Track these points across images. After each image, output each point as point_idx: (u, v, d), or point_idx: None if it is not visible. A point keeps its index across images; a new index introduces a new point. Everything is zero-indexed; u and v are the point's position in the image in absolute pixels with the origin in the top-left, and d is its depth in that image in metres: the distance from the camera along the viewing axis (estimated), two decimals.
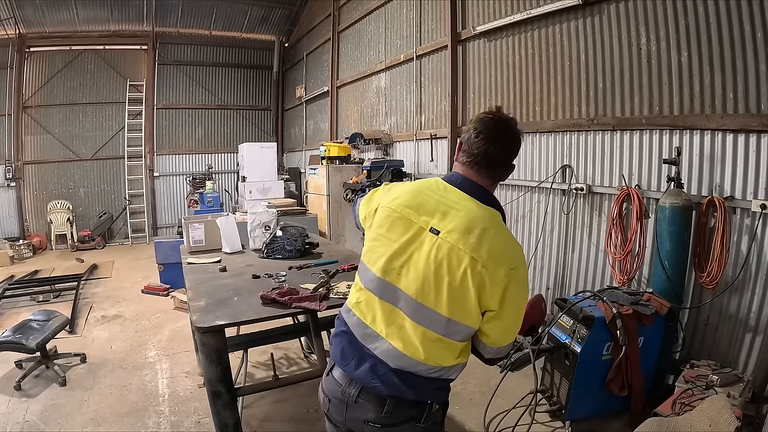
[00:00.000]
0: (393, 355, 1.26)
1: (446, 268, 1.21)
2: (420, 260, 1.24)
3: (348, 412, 1.32)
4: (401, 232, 1.28)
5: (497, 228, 1.25)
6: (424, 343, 1.25)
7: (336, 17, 7.92)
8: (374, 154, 6.63)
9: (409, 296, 1.25)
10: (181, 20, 9.77)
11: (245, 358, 3.12)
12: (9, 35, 8.62)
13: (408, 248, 1.27)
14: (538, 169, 4.05)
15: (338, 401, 1.34)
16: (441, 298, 1.22)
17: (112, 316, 4.95)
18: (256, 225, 3.40)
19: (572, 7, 3.56)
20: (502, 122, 1.32)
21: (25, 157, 9.15)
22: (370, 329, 1.31)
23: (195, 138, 10.51)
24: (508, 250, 1.23)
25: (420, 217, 1.27)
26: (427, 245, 1.24)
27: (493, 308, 1.22)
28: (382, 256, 1.30)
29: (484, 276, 1.19)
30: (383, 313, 1.29)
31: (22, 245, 8.20)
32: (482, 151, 1.29)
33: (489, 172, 1.31)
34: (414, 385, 1.27)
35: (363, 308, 1.34)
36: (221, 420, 2.02)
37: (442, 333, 1.24)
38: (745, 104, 2.62)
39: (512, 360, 2.83)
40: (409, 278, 1.25)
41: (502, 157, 1.31)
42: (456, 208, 1.26)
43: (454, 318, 1.23)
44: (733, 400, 2.26)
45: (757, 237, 2.60)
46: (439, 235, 1.23)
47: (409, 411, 1.29)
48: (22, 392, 3.29)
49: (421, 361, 1.25)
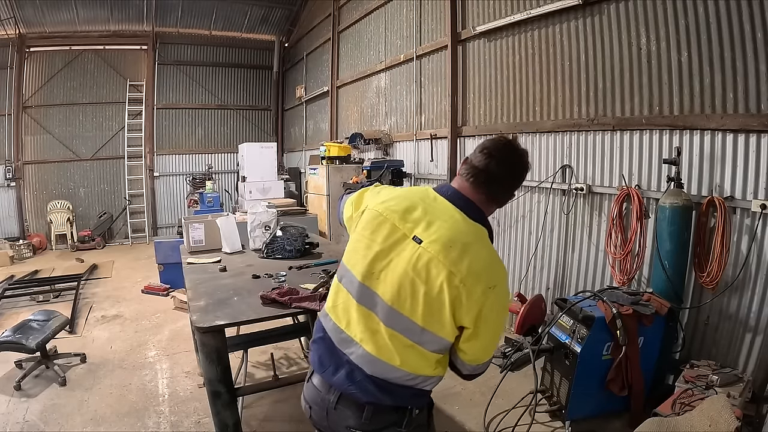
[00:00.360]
0: (368, 360, 1.26)
1: (424, 278, 1.20)
2: (399, 267, 1.23)
3: (329, 419, 1.33)
4: (384, 236, 1.27)
5: (480, 244, 1.23)
6: (398, 349, 1.24)
7: (336, 17, 7.92)
8: (374, 154, 6.63)
9: (384, 302, 1.24)
10: (181, 20, 9.76)
11: (245, 358, 3.12)
12: (9, 35, 8.63)
13: (389, 253, 1.25)
14: (538, 169, 4.04)
15: (319, 408, 1.35)
16: (416, 307, 1.21)
17: (112, 316, 4.95)
18: (256, 225, 3.40)
19: (572, 7, 3.56)
20: (511, 145, 1.30)
21: (25, 157, 9.15)
22: (345, 334, 1.30)
23: (195, 138, 10.51)
24: (488, 268, 1.21)
25: (405, 224, 1.26)
26: (408, 253, 1.23)
27: (468, 325, 1.21)
28: (363, 259, 1.29)
29: (461, 291, 1.17)
30: (359, 317, 1.28)
31: (22, 245, 8.20)
32: (483, 165, 1.27)
33: (485, 188, 1.28)
34: (390, 391, 1.26)
35: (339, 312, 1.33)
36: (221, 420, 2.03)
37: (416, 341, 1.23)
38: (745, 104, 2.62)
39: (512, 360, 2.83)
40: (386, 284, 1.24)
41: (502, 175, 1.28)
42: (442, 219, 1.24)
43: (428, 328, 1.22)
44: (733, 400, 2.26)
45: (757, 237, 2.60)
46: (421, 245, 1.21)
47: (390, 416, 1.28)
48: (22, 392, 3.29)
49: (397, 366, 1.24)
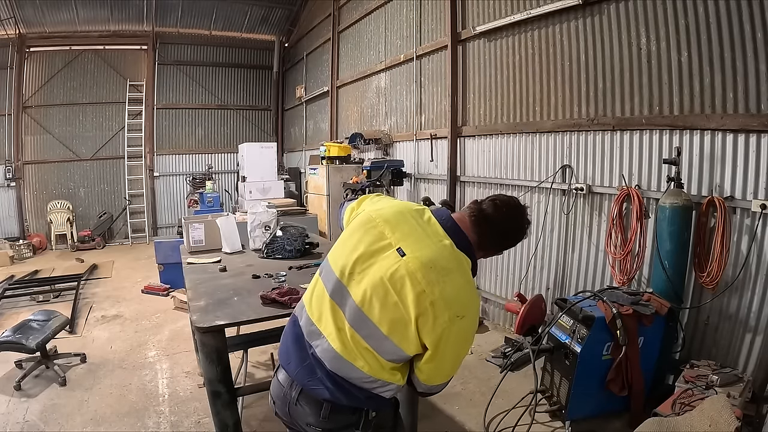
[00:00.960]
0: (331, 356, 1.28)
1: (398, 290, 1.22)
2: (377, 273, 1.25)
3: (291, 414, 1.36)
4: (371, 241, 1.29)
5: (460, 273, 1.25)
6: (359, 350, 1.26)
7: (336, 17, 7.92)
8: (374, 154, 6.63)
9: (354, 303, 1.26)
10: (181, 20, 9.77)
11: (245, 358, 3.12)
12: (9, 35, 8.63)
13: (371, 258, 1.28)
14: (538, 169, 4.05)
15: (281, 403, 1.37)
16: (383, 314, 1.23)
17: (112, 316, 4.95)
18: (256, 225, 3.40)
19: (572, 7, 3.56)
20: (521, 209, 1.39)
21: (25, 157, 9.15)
22: (315, 326, 1.33)
23: (195, 138, 10.51)
24: (461, 297, 1.23)
25: (393, 234, 1.28)
26: (389, 262, 1.25)
27: (429, 347, 1.23)
28: (346, 258, 1.31)
29: (429, 312, 1.19)
30: (329, 312, 1.31)
31: (22, 245, 8.20)
32: (490, 211, 1.33)
33: (481, 230, 1.33)
34: (346, 391, 1.28)
35: (313, 304, 1.36)
36: (221, 420, 2.02)
37: (374, 347, 1.25)
38: (745, 104, 2.62)
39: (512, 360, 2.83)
40: (360, 286, 1.26)
41: (502, 228, 1.35)
42: (429, 240, 1.28)
43: (392, 338, 1.24)
44: (733, 400, 2.26)
45: (757, 237, 2.60)
46: (404, 258, 1.24)
47: (347, 417, 1.31)
48: (22, 392, 3.29)
49: (358, 367, 1.26)
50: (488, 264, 4.64)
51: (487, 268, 4.68)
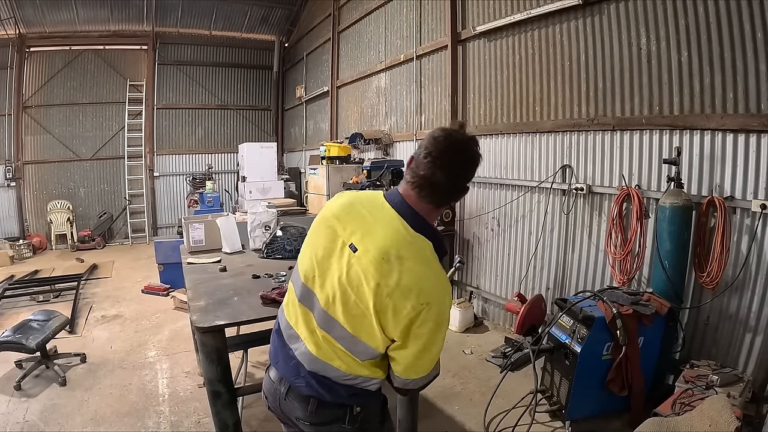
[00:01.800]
0: (309, 358, 1.29)
1: (355, 287, 1.19)
2: (335, 273, 1.23)
3: (281, 409, 1.38)
4: (325, 241, 1.27)
5: (417, 259, 1.18)
6: (335, 351, 1.26)
7: (336, 17, 7.91)
8: (374, 154, 6.63)
9: (320, 306, 1.26)
10: (181, 20, 9.76)
11: (245, 358, 3.12)
12: (9, 35, 8.62)
13: (329, 259, 1.25)
14: (538, 169, 4.05)
15: (272, 398, 1.41)
16: (347, 314, 1.22)
17: (112, 316, 4.95)
18: (256, 225, 3.40)
19: (572, 7, 3.56)
20: (456, 144, 1.20)
21: (25, 157, 9.14)
22: (293, 330, 1.34)
23: (195, 138, 10.51)
24: (421, 284, 1.15)
25: (344, 231, 1.24)
26: (345, 260, 1.21)
27: (398, 340, 1.20)
28: (308, 261, 1.30)
29: (388, 305, 1.15)
30: (302, 316, 1.32)
31: (22, 245, 8.20)
32: (428, 175, 1.19)
33: (430, 198, 1.21)
34: (329, 388, 1.29)
35: (290, 309, 1.37)
36: (221, 420, 2.02)
37: (347, 348, 1.24)
38: (745, 104, 2.62)
39: (512, 360, 2.83)
40: (324, 288, 1.25)
41: (448, 185, 1.20)
42: (381, 229, 1.20)
43: (358, 336, 1.22)
44: (733, 400, 2.26)
45: (757, 237, 2.60)
46: (356, 253, 1.19)
47: (334, 412, 1.31)
48: (22, 392, 3.29)
49: (335, 366, 1.27)
50: (488, 264, 4.65)
51: (487, 268, 4.68)
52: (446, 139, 1.20)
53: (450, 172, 1.19)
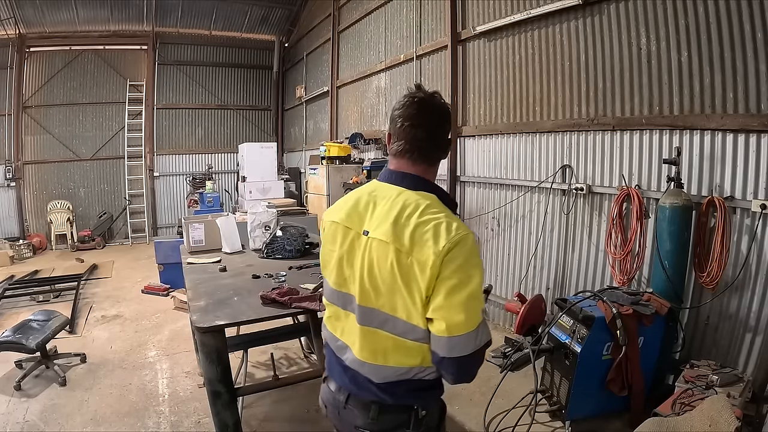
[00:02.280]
0: (358, 364, 1.28)
1: (377, 266, 1.20)
2: (358, 264, 1.25)
3: (341, 418, 1.36)
4: (341, 241, 1.29)
5: (423, 210, 1.18)
6: (379, 346, 1.24)
7: (336, 17, 7.91)
8: (374, 154, 6.62)
9: (356, 302, 1.26)
10: (181, 20, 9.76)
11: (245, 358, 3.12)
12: (9, 35, 8.62)
13: (351, 256, 1.27)
14: (538, 169, 4.05)
15: (332, 407, 1.38)
16: (380, 298, 1.21)
17: (112, 316, 4.95)
18: (256, 225, 3.40)
19: (572, 7, 3.56)
20: (423, 104, 1.26)
21: (25, 157, 9.15)
22: (340, 341, 1.34)
23: (195, 138, 10.51)
24: (432, 231, 1.14)
25: (353, 223, 1.27)
26: (362, 248, 1.24)
27: (432, 297, 1.15)
28: (333, 269, 1.32)
29: (413, 264, 1.14)
30: (346, 324, 1.32)
31: (22, 245, 8.20)
32: (410, 138, 1.25)
33: (421, 159, 1.27)
34: (388, 390, 1.26)
35: (333, 321, 1.37)
36: (221, 420, 2.03)
37: (391, 331, 1.22)
38: (745, 104, 2.62)
39: (512, 360, 2.83)
40: (355, 284, 1.26)
41: (431, 142, 1.27)
42: (381, 204, 1.25)
43: (397, 315, 1.20)
44: (733, 400, 2.26)
45: (757, 237, 2.60)
46: (368, 235, 1.22)
47: (396, 417, 1.28)
48: (22, 392, 3.29)
49: (382, 365, 1.24)
50: (488, 264, 4.64)
51: (487, 268, 4.68)
52: (413, 103, 1.27)
53: (428, 129, 1.26)
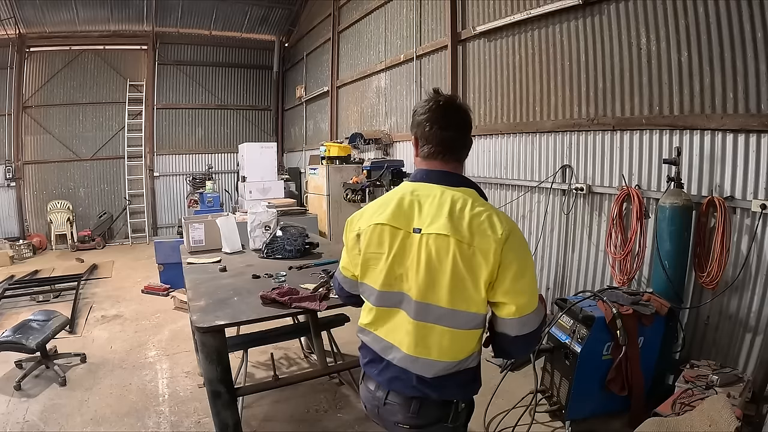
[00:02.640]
0: (409, 361, 1.29)
1: (437, 261, 1.23)
2: (414, 262, 1.27)
3: (380, 415, 1.40)
4: (390, 243, 1.30)
5: (472, 203, 1.26)
6: (434, 341, 1.27)
7: (336, 17, 7.92)
8: (374, 154, 6.63)
9: (412, 299, 1.28)
10: (181, 20, 9.77)
11: (245, 358, 3.12)
12: (9, 35, 8.62)
13: (401, 254, 1.29)
14: (538, 169, 4.05)
15: (371, 405, 1.42)
16: (440, 292, 1.24)
17: (112, 316, 4.95)
18: (256, 225, 3.40)
19: (572, 7, 3.56)
20: (447, 105, 1.34)
21: (25, 157, 9.15)
22: (385, 342, 1.35)
23: (195, 138, 10.52)
24: (487, 222, 1.22)
25: (402, 223, 1.30)
26: (416, 246, 1.27)
27: (495, 283, 1.22)
28: (381, 272, 1.32)
29: (475, 253, 1.20)
30: (393, 322, 1.33)
31: (22, 245, 8.20)
32: (442, 139, 1.32)
33: (452, 157, 1.35)
34: (436, 385, 1.29)
35: (377, 324, 1.37)
36: (221, 420, 2.03)
37: (447, 324, 1.25)
38: (745, 104, 2.62)
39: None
40: (409, 283, 1.28)
41: (459, 139, 1.35)
42: (428, 202, 1.29)
43: (456, 308, 1.24)
44: (733, 400, 2.26)
45: (757, 237, 2.60)
46: (422, 232, 1.26)
47: (437, 412, 1.32)
48: (22, 392, 3.29)
49: (434, 359, 1.27)
50: None
51: None
52: (439, 107, 1.33)
53: (456, 127, 1.34)
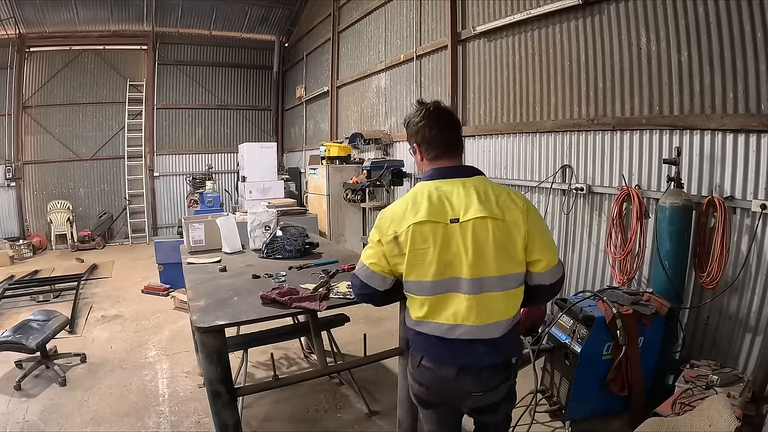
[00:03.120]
0: (476, 330, 1.46)
1: (482, 240, 1.44)
2: (460, 247, 1.44)
3: (450, 392, 1.53)
4: (433, 236, 1.45)
5: (491, 187, 1.51)
6: (491, 306, 1.46)
7: (336, 17, 7.92)
8: (374, 154, 6.63)
9: (465, 279, 1.44)
10: (181, 20, 9.77)
11: (245, 358, 3.12)
12: (9, 35, 8.62)
13: (446, 244, 1.45)
14: (538, 169, 4.05)
15: (438, 384, 1.53)
16: (489, 265, 1.44)
17: (112, 316, 4.95)
18: (256, 225, 3.40)
19: (572, 7, 3.56)
20: (438, 110, 1.58)
21: (25, 157, 9.15)
22: (446, 325, 1.47)
23: (195, 138, 10.51)
24: (509, 198, 1.49)
25: (439, 217, 1.45)
26: (459, 233, 1.44)
27: (529, 244, 1.47)
28: (431, 264, 1.45)
29: (510, 226, 1.45)
30: (454, 304, 1.46)
31: (22, 245, 8.20)
32: (445, 139, 1.56)
33: (456, 153, 1.59)
34: (501, 346, 1.49)
35: (435, 312, 1.49)
36: (221, 420, 2.02)
37: (500, 289, 1.47)
38: (745, 104, 2.62)
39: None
40: (461, 265, 1.44)
41: (456, 136, 1.60)
42: (454, 195, 1.48)
43: (504, 273, 1.46)
44: (733, 400, 2.26)
45: (757, 237, 2.60)
46: (461, 221, 1.44)
47: (501, 374, 1.53)
48: (22, 392, 3.29)
49: (497, 320, 1.47)
50: None
51: None
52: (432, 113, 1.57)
53: (452, 127, 1.60)
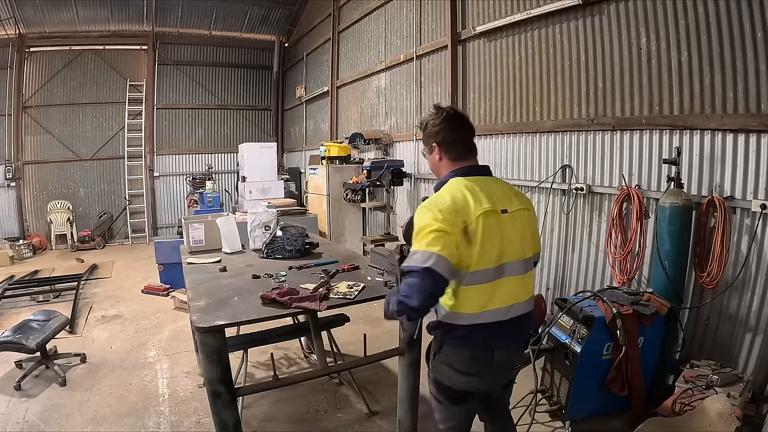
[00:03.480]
0: (524, 306, 1.70)
1: (527, 227, 1.71)
2: (513, 234, 1.65)
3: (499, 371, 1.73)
4: (498, 224, 1.63)
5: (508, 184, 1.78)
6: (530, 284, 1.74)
7: (336, 17, 7.92)
8: (374, 154, 6.63)
9: (516, 262, 1.65)
10: (181, 20, 9.77)
11: (245, 358, 3.12)
12: (9, 35, 8.62)
13: (502, 232, 1.62)
14: (538, 169, 4.05)
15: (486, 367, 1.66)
16: (526, 248, 1.70)
17: (112, 316, 4.95)
18: (256, 225, 3.40)
19: (572, 7, 3.56)
20: (454, 114, 1.75)
21: (25, 157, 9.15)
22: (501, 308, 1.63)
23: (195, 138, 10.51)
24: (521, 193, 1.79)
25: (497, 206, 1.63)
26: (509, 222, 1.64)
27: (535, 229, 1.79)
28: (494, 251, 1.61)
29: (533, 214, 1.77)
30: (506, 288, 1.63)
31: (22, 245, 8.20)
32: (462, 141, 1.72)
33: (474, 153, 1.77)
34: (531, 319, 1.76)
35: (491, 298, 1.62)
36: (221, 420, 2.02)
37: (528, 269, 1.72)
38: (745, 104, 2.62)
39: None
40: (514, 249, 1.65)
41: (473, 138, 1.77)
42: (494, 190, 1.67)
43: (529, 255, 1.71)
44: (733, 400, 2.26)
45: (757, 237, 2.60)
46: (509, 211, 1.65)
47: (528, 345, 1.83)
48: (22, 392, 3.29)
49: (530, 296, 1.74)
50: None
51: None
52: (449, 115, 1.73)
53: (469, 130, 1.77)
